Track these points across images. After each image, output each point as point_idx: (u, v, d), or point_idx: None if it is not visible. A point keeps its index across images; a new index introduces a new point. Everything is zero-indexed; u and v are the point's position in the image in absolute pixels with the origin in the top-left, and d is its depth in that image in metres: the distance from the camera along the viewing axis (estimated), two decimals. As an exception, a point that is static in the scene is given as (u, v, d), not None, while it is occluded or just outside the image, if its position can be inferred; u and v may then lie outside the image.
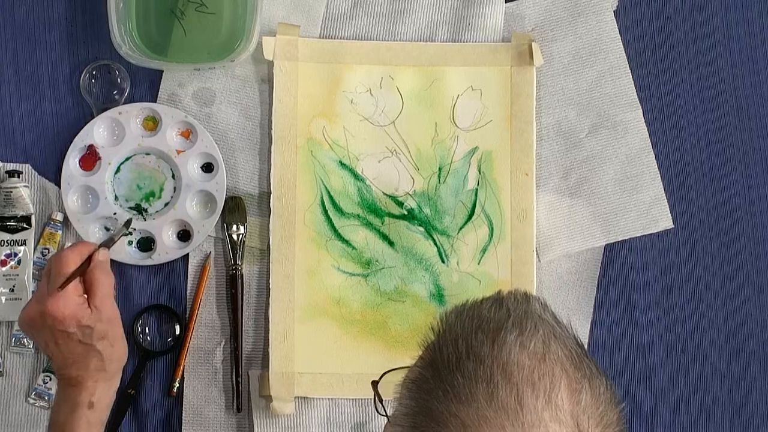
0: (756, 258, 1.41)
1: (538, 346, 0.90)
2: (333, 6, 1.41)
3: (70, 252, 1.23)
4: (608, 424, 0.91)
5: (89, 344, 1.21)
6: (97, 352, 1.22)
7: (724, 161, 1.42)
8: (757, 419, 1.39)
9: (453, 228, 1.38)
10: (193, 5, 1.38)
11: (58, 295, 1.20)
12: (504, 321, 0.92)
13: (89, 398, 1.22)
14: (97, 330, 1.22)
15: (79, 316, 1.21)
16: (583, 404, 0.89)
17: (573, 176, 1.40)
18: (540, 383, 0.89)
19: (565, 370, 0.90)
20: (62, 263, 1.22)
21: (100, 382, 1.23)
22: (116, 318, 1.25)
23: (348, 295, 1.37)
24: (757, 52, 1.43)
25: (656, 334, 1.39)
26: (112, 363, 1.24)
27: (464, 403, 0.88)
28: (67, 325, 1.20)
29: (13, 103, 1.38)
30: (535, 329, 0.91)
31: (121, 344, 1.25)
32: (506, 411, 0.88)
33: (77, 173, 1.36)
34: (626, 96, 1.41)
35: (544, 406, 0.88)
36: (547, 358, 0.90)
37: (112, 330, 1.23)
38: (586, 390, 0.90)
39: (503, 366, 0.89)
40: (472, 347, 0.90)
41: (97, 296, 1.23)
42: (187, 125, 1.37)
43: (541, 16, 1.42)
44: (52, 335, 1.21)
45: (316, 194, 1.38)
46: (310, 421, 1.36)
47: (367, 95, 1.39)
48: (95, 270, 1.24)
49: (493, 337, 0.90)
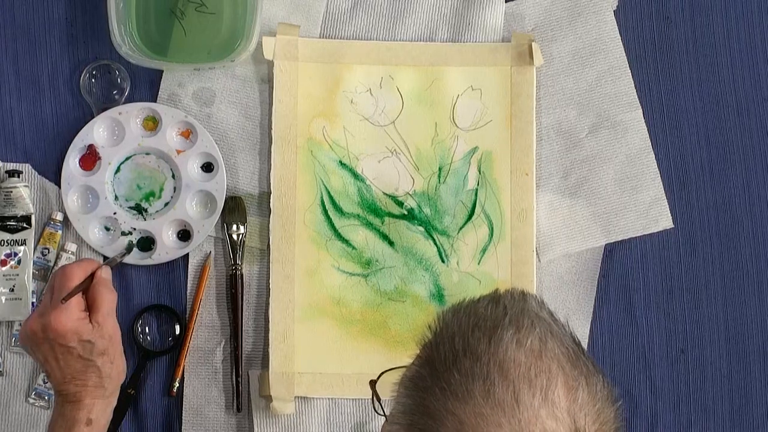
0: (756, 258, 1.41)
1: (534, 343, 0.91)
2: (333, 6, 1.41)
3: (75, 267, 1.23)
4: (605, 421, 0.91)
5: (89, 360, 1.21)
6: (96, 368, 1.21)
7: (724, 161, 1.42)
8: (757, 419, 1.39)
9: (453, 228, 1.38)
10: (193, 5, 1.38)
11: (61, 308, 1.19)
12: (501, 319, 0.92)
13: (87, 415, 1.21)
14: (97, 346, 1.21)
15: (81, 331, 1.20)
16: (579, 401, 0.90)
17: (573, 176, 1.40)
18: (537, 380, 0.89)
19: (561, 368, 0.90)
20: (66, 277, 1.21)
21: (98, 399, 1.22)
22: (117, 335, 1.24)
23: (348, 295, 1.37)
24: (757, 52, 1.43)
25: (656, 334, 1.39)
26: (111, 380, 1.23)
27: (461, 400, 0.89)
28: (68, 340, 1.20)
29: (13, 103, 1.38)
30: (531, 327, 0.92)
31: (120, 362, 1.25)
32: (503, 408, 0.88)
33: (77, 173, 1.36)
34: (626, 96, 1.41)
35: (541, 403, 0.88)
36: (543, 356, 0.90)
37: (113, 347, 1.23)
38: (582, 387, 0.90)
39: (500, 363, 0.89)
40: (469, 344, 0.91)
41: (99, 312, 1.22)
42: (187, 125, 1.37)
43: (541, 16, 1.42)
44: (51, 349, 1.21)
45: (316, 194, 1.38)
46: (310, 421, 1.36)
47: (367, 95, 1.39)
48: (98, 286, 1.23)
49: (489, 334, 0.91)
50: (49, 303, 1.21)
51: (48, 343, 1.20)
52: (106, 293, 1.23)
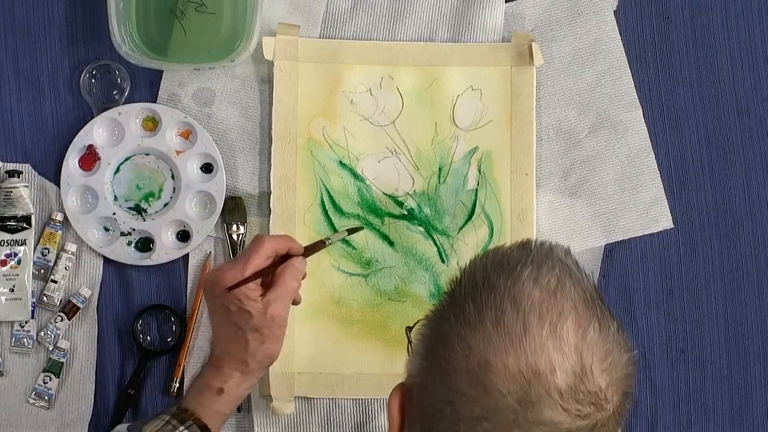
0: (756, 258, 1.41)
1: (551, 282, 0.92)
2: (333, 6, 1.41)
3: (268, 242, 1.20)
4: (614, 364, 0.92)
5: (240, 329, 1.19)
6: (244, 341, 1.20)
7: (724, 161, 1.42)
8: (757, 419, 1.39)
9: (453, 228, 1.38)
10: (193, 5, 1.38)
11: (236, 270, 1.18)
12: (524, 259, 0.94)
13: (221, 384, 1.21)
14: (254, 320, 1.19)
15: (245, 300, 1.18)
16: (588, 340, 0.91)
17: (573, 176, 1.40)
18: (547, 315, 0.91)
19: (575, 307, 0.92)
20: (257, 245, 1.20)
21: (237, 372, 1.21)
22: (279, 320, 1.21)
23: (348, 295, 1.37)
24: (757, 52, 1.43)
25: (656, 334, 1.39)
26: (254, 359, 1.21)
27: (472, 327, 0.91)
28: (229, 302, 1.18)
29: (13, 103, 1.38)
30: (551, 268, 0.93)
31: (272, 346, 1.21)
32: (510, 336, 0.90)
33: (77, 173, 1.36)
34: (626, 96, 1.41)
35: (549, 335, 0.90)
36: (558, 294, 0.92)
37: (269, 329, 1.20)
38: (594, 328, 0.92)
39: (514, 296, 0.91)
40: (489, 279, 0.93)
41: (272, 292, 1.20)
42: (187, 126, 1.37)
43: (541, 16, 1.42)
44: (214, 305, 1.21)
45: (316, 194, 1.38)
46: (310, 421, 1.36)
47: (367, 95, 1.39)
48: (286, 270, 1.21)
49: (510, 271, 0.93)
50: (235, 261, 1.20)
51: (213, 298, 1.20)
52: (289, 279, 1.21)
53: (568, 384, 0.89)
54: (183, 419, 1.18)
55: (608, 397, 0.91)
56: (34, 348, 1.34)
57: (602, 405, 0.91)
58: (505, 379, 0.89)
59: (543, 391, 0.89)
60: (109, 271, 1.37)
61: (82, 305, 1.35)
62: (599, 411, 0.91)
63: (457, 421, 0.91)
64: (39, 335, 1.34)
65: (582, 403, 0.90)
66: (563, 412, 0.89)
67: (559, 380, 0.89)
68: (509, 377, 0.89)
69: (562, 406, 0.89)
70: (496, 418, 0.90)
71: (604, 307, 0.94)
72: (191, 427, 1.17)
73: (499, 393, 0.89)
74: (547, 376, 0.89)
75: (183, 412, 1.19)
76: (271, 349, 1.21)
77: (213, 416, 1.20)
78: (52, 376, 1.33)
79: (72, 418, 1.34)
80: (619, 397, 0.93)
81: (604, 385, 0.91)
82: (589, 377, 0.90)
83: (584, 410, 0.90)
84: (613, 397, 0.92)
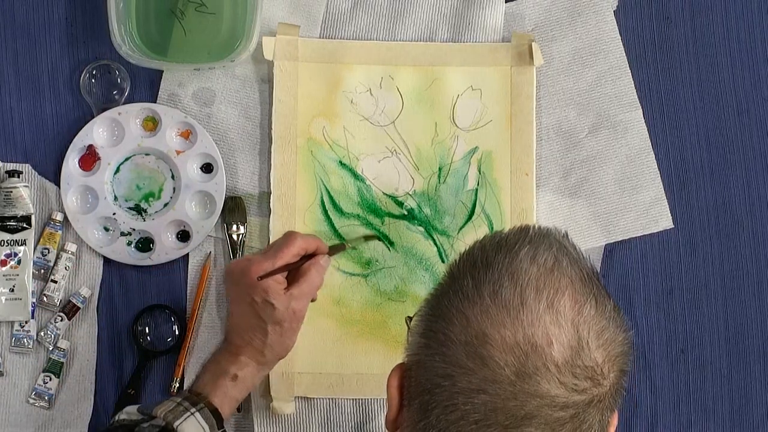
0: (756, 258, 1.41)
1: (549, 260, 0.94)
2: (333, 6, 1.41)
3: (299, 240, 1.26)
4: (610, 340, 0.93)
5: (262, 321, 1.23)
6: (264, 332, 1.24)
7: (724, 161, 1.42)
8: (757, 419, 1.39)
9: (453, 228, 1.39)
10: (193, 5, 1.38)
11: (266, 263, 1.23)
12: (522, 239, 0.96)
13: (236, 371, 1.24)
14: (277, 313, 1.23)
15: (270, 291, 1.23)
16: (585, 315, 0.92)
17: (573, 176, 1.40)
18: (544, 289, 0.92)
19: (572, 283, 0.93)
20: (286, 242, 1.25)
21: (253, 361, 1.25)
22: (300, 315, 1.26)
23: (348, 295, 1.37)
24: (757, 52, 1.43)
25: (656, 334, 1.40)
26: (271, 351, 1.25)
27: (470, 300, 0.93)
28: (255, 292, 1.23)
29: (13, 103, 1.38)
30: (549, 247, 0.95)
31: (289, 339, 1.26)
32: (508, 309, 0.91)
33: (77, 173, 1.36)
34: (626, 96, 1.41)
35: (546, 309, 0.91)
36: (555, 271, 0.93)
37: (289, 323, 1.25)
38: (591, 304, 0.93)
39: (512, 272, 0.93)
40: (487, 257, 0.95)
41: (297, 287, 1.25)
42: (187, 126, 1.37)
43: (541, 16, 1.42)
44: (238, 295, 1.25)
45: (316, 194, 1.38)
46: (310, 421, 1.36)
47: (367, 95, 1.39)
48: (312, 267, 1.26)
49: (508, 249, 0.95)
50: (262, 254, 1.25)
51: (238, 287, 1.24)
52: (314, 276, 1.26)
53: (565, 357, 0.90)
54: (195, 401, 1.21)
55: (605, 372, 0.92)
56: (34, 348, 1.35)
57: (599, 380, 0.92)
58: (502, 351, 0.90)
59: (540, 363, 0.90)
60: (109, 271, 1.37)
61: (82, 305, 1.35)
62: (596, 386, 0.92)
63: (456, 394, 0.92)
64: (39, 335, 1.34)
65: (579, 377, 0.91)
66: (560, 386, 0.90)
67: (555, 353, 0.90)
68: (507, 349, 0.90)
69: (559, 379, 0.90)
70: (493, 390, 0.91)
71: (601, 286, 0.96)
72: (203, 410, 1.20)
73: (497, 365, 0.90)
74: (543, 349, 0.90)
75: (196, 395, 1.23)
76: (288, 343, 1.26)
77: (226, 401, 1.24)
78: (52, 376, 1.33)
79: (72, 418, 1.34)
80: (615, 374, 0.94)
81: (600, 360, 0.92)
82: (586, 351, 0.91)
83: (581, 384, 0.91)
84: (609, 373, 0.93)
